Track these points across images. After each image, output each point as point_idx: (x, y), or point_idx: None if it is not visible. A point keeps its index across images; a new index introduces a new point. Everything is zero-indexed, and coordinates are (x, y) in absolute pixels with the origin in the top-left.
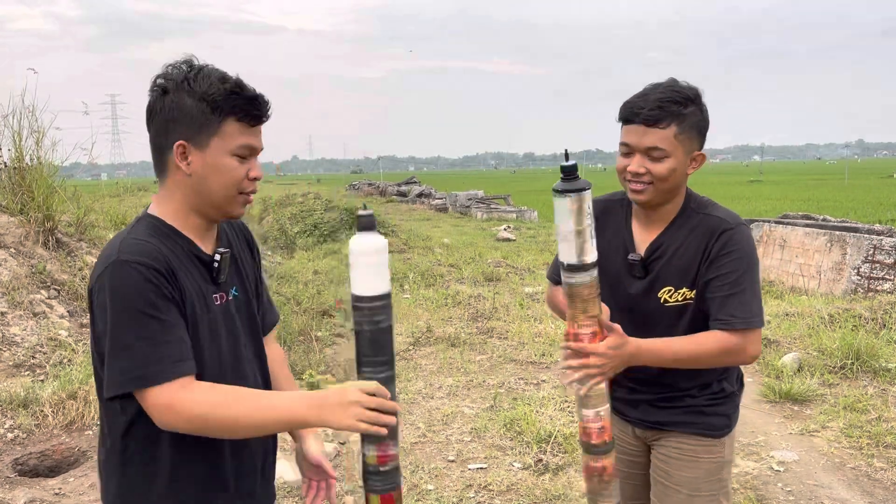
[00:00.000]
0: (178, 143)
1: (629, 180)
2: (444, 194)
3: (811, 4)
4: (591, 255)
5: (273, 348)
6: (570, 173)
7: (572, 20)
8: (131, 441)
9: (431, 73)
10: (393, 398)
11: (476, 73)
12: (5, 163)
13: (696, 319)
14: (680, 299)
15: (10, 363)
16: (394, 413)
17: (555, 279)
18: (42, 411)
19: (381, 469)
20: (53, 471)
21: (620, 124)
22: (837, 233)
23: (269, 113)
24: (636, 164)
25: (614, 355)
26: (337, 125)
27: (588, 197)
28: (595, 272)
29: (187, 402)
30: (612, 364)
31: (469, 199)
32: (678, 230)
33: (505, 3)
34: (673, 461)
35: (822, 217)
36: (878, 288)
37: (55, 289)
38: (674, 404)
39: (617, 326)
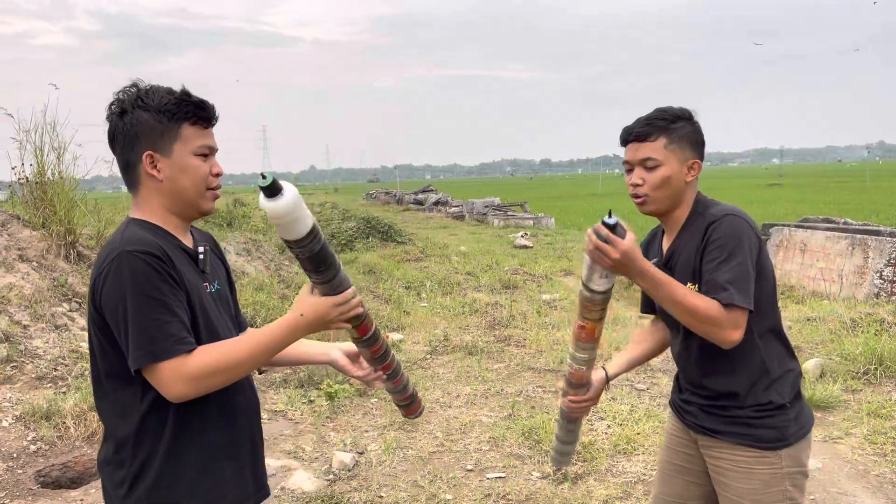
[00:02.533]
0: (145, 153)
1: (632, 194)
2: (461, 202)
3: (831, 4)
4: (593, 284)
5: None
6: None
7: (585, 24)
8: (150, 421)
9: (447, 81)
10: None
11: (492, 80)
12: (27, 178)
13: None
14: None
15: (33, 375)
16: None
17: (646, 310)
18: (64, 423)
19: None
20: (76, 482)
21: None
22: (859, 236)
23: (217, 115)
24: (635, 176)
25: (624, 249)
26: (354, 134)
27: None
28: (596, 297)
29: (192, 368)
30: (618, 255)
31: (486, 207)
32: (686, 233)
33: (519, 9)
34: (729, 472)
35: (843, 220)
36: None
37: (76, 301)
38: (720, 413)
39: (632, 236)
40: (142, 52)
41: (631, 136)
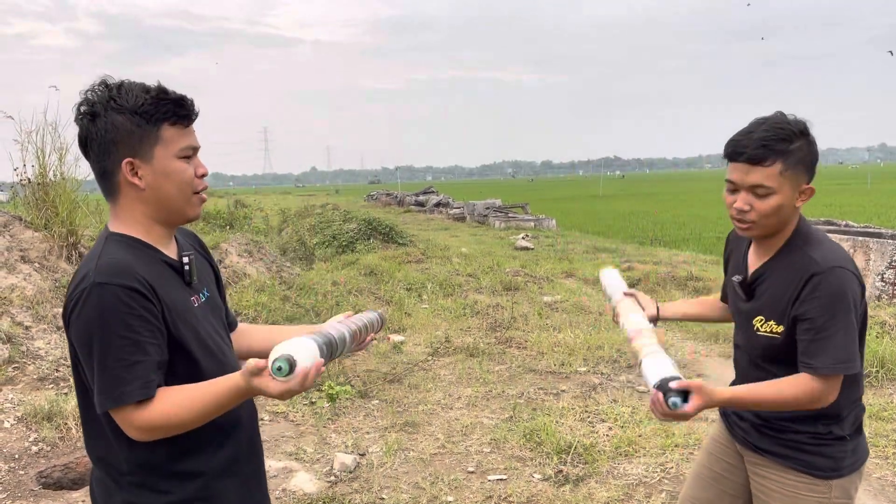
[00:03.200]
0: (125, 161)
1: (736, 219)
2: (462, 203)
3: (830, 5)
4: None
5: (240, 328)
6: None
7: (587, 26)
8: (142, 445)
9: (448, 83)
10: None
11: (492, 82)
12: (29, 179)
13: (783, 353)
14: (768, 331)
15: (35, 377)
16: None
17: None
18: (66, 424)
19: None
20: (77, 483)
21: (726, 161)
22: (860, 238)
23: (197, 111)
24: (742, 201)
25: (693, 411)
26: (355, 136)
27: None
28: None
29: (144, 419)
30: (693, 413)
31: (487, 208)
32: (780, 262)
33: (520, 11)
34: (774, 494)
35: (844, 223)
36: None
37: None
38: (775, 434)
39: (698, 385)
40: (144, 54)
41: (743, 156)
